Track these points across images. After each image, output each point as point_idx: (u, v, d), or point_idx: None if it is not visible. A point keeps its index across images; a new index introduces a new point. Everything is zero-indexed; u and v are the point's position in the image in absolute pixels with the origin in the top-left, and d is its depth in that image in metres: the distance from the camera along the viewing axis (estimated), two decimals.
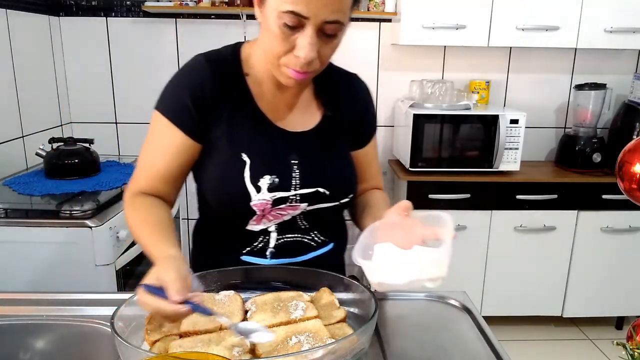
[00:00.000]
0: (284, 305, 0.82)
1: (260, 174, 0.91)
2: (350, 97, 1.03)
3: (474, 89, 2.71)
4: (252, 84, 0.94)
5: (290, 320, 0.78)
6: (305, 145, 0.95)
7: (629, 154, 0.77)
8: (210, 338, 0.74)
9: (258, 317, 0.79)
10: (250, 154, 0.91)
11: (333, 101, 1.00)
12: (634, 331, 0.73)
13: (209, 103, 0.91)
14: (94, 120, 2.70)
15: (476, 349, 0.83)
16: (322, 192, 0.94)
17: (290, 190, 0.92)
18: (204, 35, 2.61)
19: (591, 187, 2.45)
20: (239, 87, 0.93)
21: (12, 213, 1.60)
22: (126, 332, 0.75)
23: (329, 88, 1.01)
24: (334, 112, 0.99)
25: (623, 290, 2.56)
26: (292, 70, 0.84)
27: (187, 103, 0.91)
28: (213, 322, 0.77)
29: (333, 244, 1.04)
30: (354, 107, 1.03)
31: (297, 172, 0.93)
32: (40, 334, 0.89)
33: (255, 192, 0.91)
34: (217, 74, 0.92)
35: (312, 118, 0.98)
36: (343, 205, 1.00)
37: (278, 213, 0.94)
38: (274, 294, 0.86)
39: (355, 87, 1.05)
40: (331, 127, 0.99)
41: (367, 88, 1.07)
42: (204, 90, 0.91)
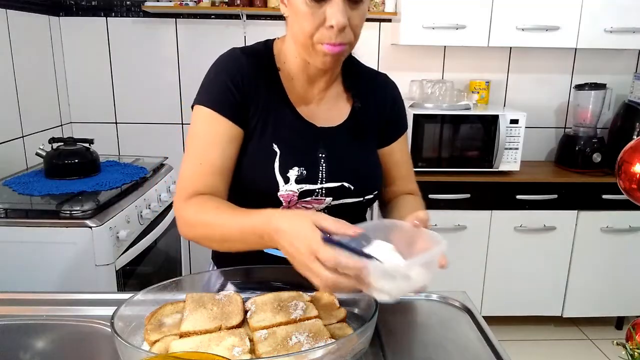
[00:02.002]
0: (284, 305, 0.82)
1: (289, 165, 0.92)
2: (378, 92, 1.04)
3: (474, 89, 2.71)
4: (284, 78, 0.97)
5: (290, 320, 0.78)
6: (332, 140, 0.97)
7: (629, 153, 0.77)
8: (210, 338, 0.74)
9: (258, 317, 0.79)
10: (280, 145, 0.93)
11: (361, 95, 1.01)
12: (633, 331, 0.73)
13: (246, 90, 0.92)
14: (94, 120, 2.70)
15: (476, 349, 0.83)
16: (347, 187, 0.95)
17: (317, 183, 0.94)
18: (204, 35, 2.61)
19: (591, 187, 2.45)
20: (273, 80, 0.95)
21: (12, 213, 1.60)
22: (126, 332, 0.75)
23: (358, 83, 1.02)
24: (363, 108, 1.00)
25: (623, 290, 2.56)
26: (326, 46, 0.85)
27: (229, 88, 0.91)
28: (213, 322, 0.77)
29: None
30: (381, 102, 1.03)
31: (324, 165, 0.94)
32: (40, 334, 0.88)
33: (283, 182, 0.92)
34: (253, 65, 0.94)
35: (340, 114, 1.00)
36: (367, 201, 1.00)
37: (303, 206, 0.95)
38: (274, 294, 0.86)
39: (382, 84, 1.06)
40: (358, 123, 1.00)
41: (395, 86, 1.08)
42: (243, 77, 0.92)
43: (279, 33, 1.05)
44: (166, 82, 2.65)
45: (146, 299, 0.83)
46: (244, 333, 0.75)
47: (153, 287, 0.85)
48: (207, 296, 0.84)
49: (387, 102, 1.05)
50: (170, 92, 2.67)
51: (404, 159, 1.08)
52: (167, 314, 0.82)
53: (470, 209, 2.44)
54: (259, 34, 2.57)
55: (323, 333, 0.74)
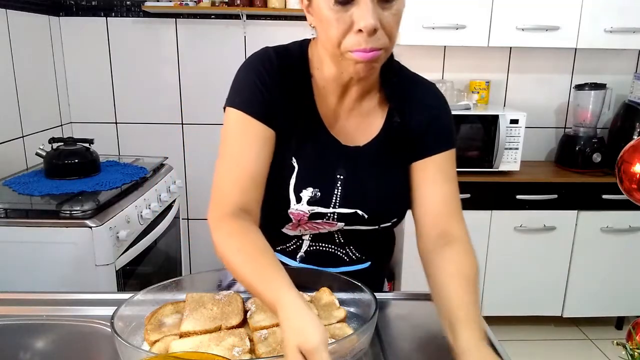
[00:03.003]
0: None
1: (304, 185, 0.88)
2: (420, 107, 0.92)
3: (474, 89, 2.71)
4: (315, 86, 0.90)
5: None
6: (355, 160, 0.90)
7: (629, 153, 0.77)
8: (210, 338, 0.74)
9: (258, 317, 0.79)
10: (300, 161, 0.88)
11: (402, 106, 0.92)
12: (633, 331, 0.73)
13: (275, 94, 0.87)
14: (94, 120, 2.70)
15: None
16: (361, 215, 0.91)
17: (329, 207, 0.90)
18: (204, 35, 2.61)
19: (591, 187, 2.45)
20: (303, 87, 0.89)
21: (12, 213, 1.60)
22: (126, 332, 0.75)
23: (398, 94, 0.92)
24: (401, 118, 0.91)
25: (623, 290, 2.56)
26: (357, 53, 0.77)
27: (258, 88, 0.86)
28: (213, 322, 0.77)
29: (370, 262, 1.00)
30: (421, 119, 0.92)
31: (340, 189, 0.90)
32: (40, 334, 0.88)
33: (295, 201, 0.89)
34: (284, 68, 0.88)
35: (369, 130, 0.91)
36: (385, 229, 0.96)
37: (314, 226, 0.92)
38: None
39: (427, 97, 0.95)
40: (390, 140, 0.91)
41: (442, 98, 0.96)
42: (271, 77, 0.86)
43: (279, 33, 1.01)
44: (166, 82, 2.65)
45: (146, 299, 0.83)
46: (244, 333, 0.75)
47: (153, 287, 0.85)
48: (207, 296, 0.84)
49: (430, 115, 0.92)
50: (170, 92, 2.67)
51: (442, 180, 0.91)
52: (167, 314, 0.82)
53: (470, 209, 2.43)
54: (259, 34, 2.57)
55: None
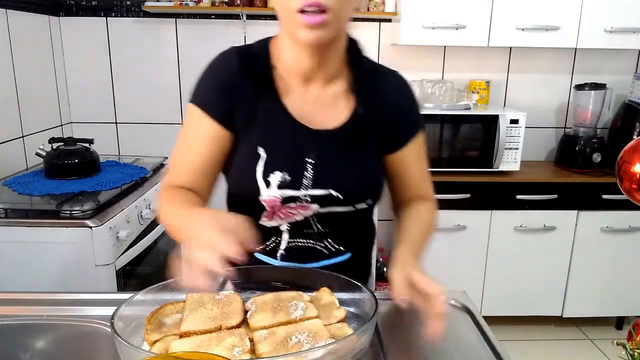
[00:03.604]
0: (283, 306, 0.82)
1: (271, 170, 0.90)
2: (387, 94, 0.97)
3: (474, 89, 2.71)
4: (279, 77, 0.93)
5: (290, 320, 0.78)
6: (325, 143, 0.92)
7: (629, 154, 0.77)
8: (210, 338, 0.74)
9: (258, 317, 0.79)
10: (266, 148, 0.90)
11: (367, 97, 0.95)
12: (634, 331, 0.73)
13: (234, 91, 0.91)
14: (94, 120, 2.70)
15: (476, 349, 0.83)
16: (335, 196, 0.91)
17: (301, 189, 0.91)
18: (204, 35, 2.61)
19: (591, 187, 2.45)
20: (266, 80, 0.93)
21: (12, 213, 1.60)
22: (126, 332, 0.75)
23: (364, 82, 0.95)
24: (366, 110, 0.94)
25: (623, 290, 2.56)
26: (306, 16, 0.80)
27: (214, 89, 0.92)
28: (213, 322, 0.77)
29: (350, 254, 1.01)
30: (389, 106, 0.96)
31: (311, 172, 0.91)
32: (40, 334, 0.88)
33: (264, 187, 0.90)
34: (245, 65, 0.92)
35: (339, 115, 0.94)
36: (361, 211, 0.95)
37: (288, 212, 0.92)
38: (273, 294, 0.86)
39: (394, 85, 0.99)
40: (359, 126, 0.94)
41: (408, 86, 1.00)
42: (231, 77, 0.91)
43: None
44: (166, 82, 2.65)
45: (146, 299, 0.83)
46: (244, 333, 0.75)
47: (153, 287, 0.85)
48: (207, 296, 0.84)
49: (396, 106, 0.97)
50: (170, 92, 2.67)
51: (417, 163, 1.01)
52: (167, 314, 0.82)
53: (470, 209, 2.44)
54: (258, 34, 2.55)
55: (323, 333, 0.74)
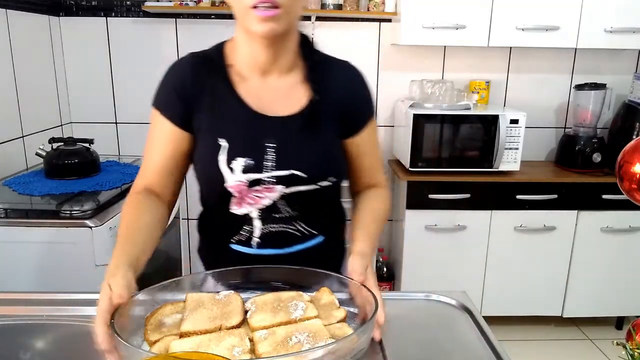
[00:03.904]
0: (283, 306, 0.82)
1: (234, 157, 0.94)
2: (340, 82, 1.03)
3: (474, 89, 2.71)
4: (235, 74, 0.99)
5: (290, 320, 0.78)
6: (284, 129, 0.97)
7: (629, 154, 0.77)
8: (210, 338, 0.74)
9: (258, 317, 0.79)
10: (227, 138, 0.95)
11: (321, 86, 1.00)
12: (633, 331, 0.73)
13: (190, 94, 0.97)
14: (94, 120, 2.70)
15: (476, 349, 0.83)
16: (298, 175, 0.95)
17: (264, 172, 0.95)
18: (204, 35, 2.61)
19: (591, 187, 2.45)
20: (221, 78, 0.98)
21: (12, 213, 1.60)
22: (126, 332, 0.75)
23: (319, 73, 1.01)
24: (321, 97, 0.99)
25: (623, 290, 2.56)
26: (259, 11, 0.86)
27: (172, 93, 0.98)
28: (213, 322, 0.77)
29: (323, 237, 1.05)
30: (343, 93, 1.02)
31: (273, 154, 0.95)
32: (40, 334, 0.89)
33: (229, 173, 0.95)
34: (200, 67, 0.99)
35: (296, 103, 0.99)
36: (325, 188, 0.99)
37: (256, 196, 0.97)
38: (274, 294, 0.86)
39: (346, 73, 1.05)
40: (316, 112, 0.99)
41: (360, 75, 1.06)
42: (185, 82, 0.98)
43: None
44: None
45: (146, 299, 0.83)
46: (244, 333, 0.75)
47: (153, 287, 0.85)
48: (207, 296, 0.84)
49: (349, 93, 1.03)
50: None
51: (369, 149, 1.07)
52: (167, 314, 0.82)
53: (470, 209, 2.44)
54: None
55: (323, 333, 0.74)
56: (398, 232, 2.61)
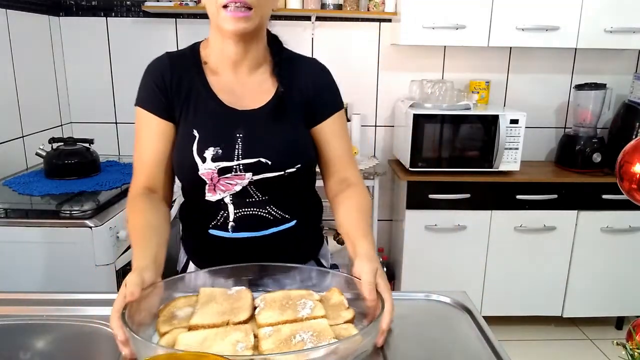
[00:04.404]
0: (292, 304, 0.82)
1: (205, 147, 1.00)
2: (305, 75, 1.08)
3: (474, 89, 2.71)
4: (208, 71, 1.05)
5: (297, 318, 0.79)
6: (252, 120, 1.03)
7: (629, 154, 0.77)
8: (217, 332, 0.75)
9: (265, 314, 0.80)
10: (199, 130, 1.01)
11: (287, 79, 1.07)
12: (633, 331, 0.73)
13: (169, 87, 1.03)
14: (94, 120, 2.70)
15: (476, 349, 0.83)
16: (265, 162, 1.00)
17: (234, 160, 1.00)
18: (204, 35, 2.60)
19: (591, 187, 2.45)
20: (196, 75, 1.05)
21: (12, 213, 1.60)
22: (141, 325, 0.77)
23: (285, 68, 1.08)
24: (287, 89, 1.05)
25: (623, 290, 2.56)
26: (229, 11, 0.93)
27: (153, 89, 1.04)
28: (221, 317, 0.78)
29: (296, 221, 1.09)
30: (307, 84, 1.08)
31: (241, 144, 1.01)
32: (40, 334, 0.89)
33: (201, 162, 1.00)
34: (176, 65, 1.06)
35: (263, 97, 1.05)
36: (293, 177, 1.03)
37: (227, 183, 1.02)
38: (284, 291, 0.87)
39: (311, 67, 1.11)
40: (282, 104, 1.04)
41: (324, 68, 1.12)
42: (164, 76, 1.04)
43: (279, 33, 1.10)
44: None
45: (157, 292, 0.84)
46: (249, 329, 0.76)
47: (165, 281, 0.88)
48: (219, 291, 0.86)
49: (311, 84, 1.08)
50: None
51: (337, 138, 1.10)
52: (180, 307, 0.84)
53: (470, 209, 2.44)
54: None
55: (327, 333, 0.75)
56: (398, 232, 2.61)
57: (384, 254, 2.82)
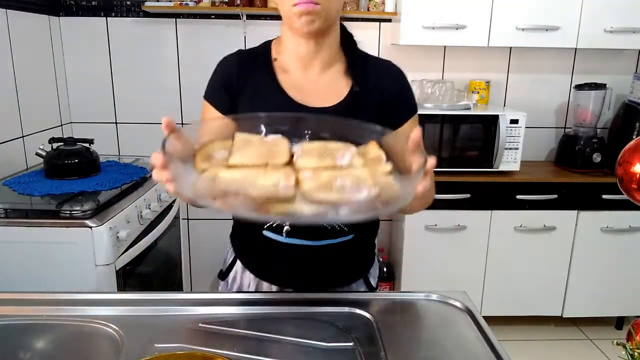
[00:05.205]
0: (330, 153, 0.80)
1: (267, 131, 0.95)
2: (381, 76, 1.06)
3: (474, 89, 2.71)
4: (278, 68, 1.04)
5: (336, 166, 0.76)
6: None
7: (629, 154, 0.77)
8: (257, 172, 0.73)
9: (303, 161, 0.77)
10: None
11: (362, 79, 1.03)
12: (633, 331, 0.73)
13: (235, 86, 1.03)
14: (94, 120, 2.70)
15: (476, 349, 0.83)
16: None
17: None
18: (204, 35, 2.61)
19: (591, 187, 2.45)
20: (265, 71, 1.04)
21: (12, 213, 1.60)
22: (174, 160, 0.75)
23: (360, 67, 1.05)
24: (362, 89, 1.02)
25: (623, 290, 2.56)
26: (298, 5, 0.92)
27: (219, 86, 1.04)
28: (260, 159, 0.76)
29: (353, 235, 1.05)
30: (384, 86, 1.05)
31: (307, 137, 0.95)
32: (40, 334, 0.89)
33: None
34: (245, 62, 1.05)
35: (336, 95, 1.02)
36: None
37: None
38: (322, 142, 0.83)
39: (387, 69, 1.08)
40: (356, 104, 1.01)
41: (400, 71, 1.09)
42: (231, 74, 1.04)
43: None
44: (166, 82, 2.66)
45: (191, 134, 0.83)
46: (290, 171, 0.74)
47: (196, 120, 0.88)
48: (255, 137, 0.84)
49: (390, 87, 1.05)
50: (170, 92, 2.67)
51: None
52: (216, 149, 0.81)
53: (470, 209, 2.44)
54: (258, 34, 2.57)
55: (367, 181, 0.72)
56: (398, 232, 2.61)
57: (384, 254, 2.82)
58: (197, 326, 0.87)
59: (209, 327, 0.87)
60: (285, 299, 0.98)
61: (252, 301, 0.97)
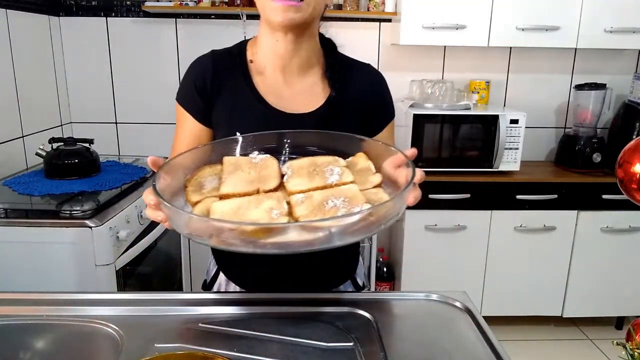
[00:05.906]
0: (319, 170, 0.80)
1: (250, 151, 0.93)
2: (360, 82, 1.03)
3: (474, 89, 2.71)
4: (254, 71, 1.01)
5: (327, 185, 0.77)
6: (300, 126, 0.96)
7: (629, 154, 0.77)
8: (249, 200, 0.73)
9: (294, 182, 0.77)
10: (243, 133, 0.95)
11: (341, 84, 1.01)
12: (633, 331, 0.73)
13: (209, 90, 0.99)
14: (94, 120, 2.70)
15: (476, 349, 0.83)
16: None
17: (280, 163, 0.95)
18: (204, 35, 2.61)
19: (591, 187, 2.45)
20: (241, 74, 1.00)
21: (12, 213, 1.60)
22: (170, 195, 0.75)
23: (338, 72, 1.02)
24: (340, 95, 1.00)
25: (623, 290, 2.56)
26: (279, 1, 0.89)
27: (192, 90, 1.00)
28: (251, 185, 0.76)
29: None
30: (363, 92, 1.02)
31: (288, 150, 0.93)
32: (40, 334, 0.89)
33: None
34: (220, 64, 1.00)
35: (314, 101, 1.00)
36: None
37: None
38: (309, 158, 0.84)
39: (366, 74, 1.06)
40: (334, 110, 0.99)
41: (379, 75, 1.07)
42: (205, 77, 0.99)
43: None
44: (166, 82, 2.65)
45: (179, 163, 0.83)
46: (281, 197, 0.74)
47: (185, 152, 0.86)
48: (243, 159, 0.84)
49: (368, 92, 1.03)
50: (170, 92, 2.65)
51: None
52: (206, 176, 0.82)
53: (470, 209, 2.44)
54: None
55: (359, 198, 0.72)
56: (398, 232, 2.61)
57: (384, 254, 2.82)
58: (197, 326, 0.87)
59: (209, 327, 0.87)
60: (285, 299, 0.98)
61: (252, 301, 0.97)
